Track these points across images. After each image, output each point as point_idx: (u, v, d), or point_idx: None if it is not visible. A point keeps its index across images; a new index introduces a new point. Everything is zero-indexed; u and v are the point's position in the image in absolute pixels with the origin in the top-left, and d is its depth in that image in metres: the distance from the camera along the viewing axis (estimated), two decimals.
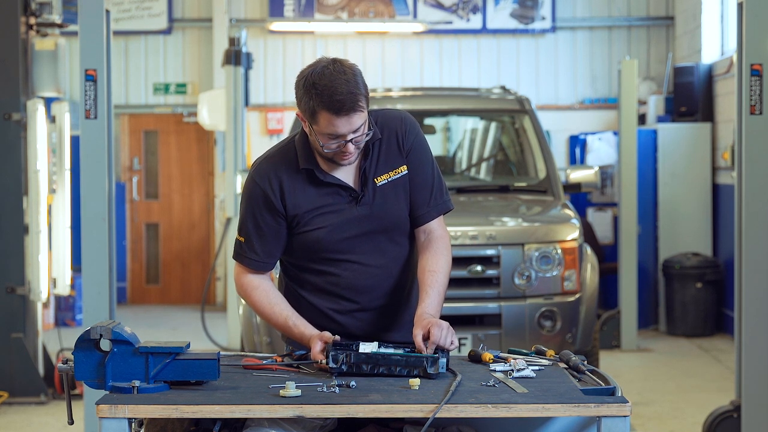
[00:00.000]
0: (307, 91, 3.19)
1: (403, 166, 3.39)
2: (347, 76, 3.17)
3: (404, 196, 3.40)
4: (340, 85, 3.15)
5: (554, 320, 6.20)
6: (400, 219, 3.41)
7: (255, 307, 3.42)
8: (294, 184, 3.35)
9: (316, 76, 3.17)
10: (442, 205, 3.45)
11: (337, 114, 3.16)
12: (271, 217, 3.35)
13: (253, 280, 3.42)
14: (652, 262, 10.84)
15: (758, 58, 5.41)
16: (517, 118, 7.58)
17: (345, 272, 3.38)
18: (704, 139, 10.86)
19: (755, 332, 5.44)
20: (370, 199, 3.36)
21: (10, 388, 7.51)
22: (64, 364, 3.00)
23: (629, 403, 2.76)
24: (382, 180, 3.38)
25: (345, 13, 12.62)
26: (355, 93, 3.16)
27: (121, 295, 12.85)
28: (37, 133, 7.53)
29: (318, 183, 3.35)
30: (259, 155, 3.46)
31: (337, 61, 3.22)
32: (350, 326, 3.41)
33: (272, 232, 3.37)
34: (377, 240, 3.39)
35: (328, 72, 3.17)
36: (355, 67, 3.23)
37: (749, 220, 5.47)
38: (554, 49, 12.68)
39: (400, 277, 3.44)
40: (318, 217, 3.34)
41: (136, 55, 12.84)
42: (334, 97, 3.15)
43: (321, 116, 3.18)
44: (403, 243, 3.45)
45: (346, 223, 3.35)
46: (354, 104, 3.17)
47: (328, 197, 3.35)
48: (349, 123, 3.19)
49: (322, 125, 3.20)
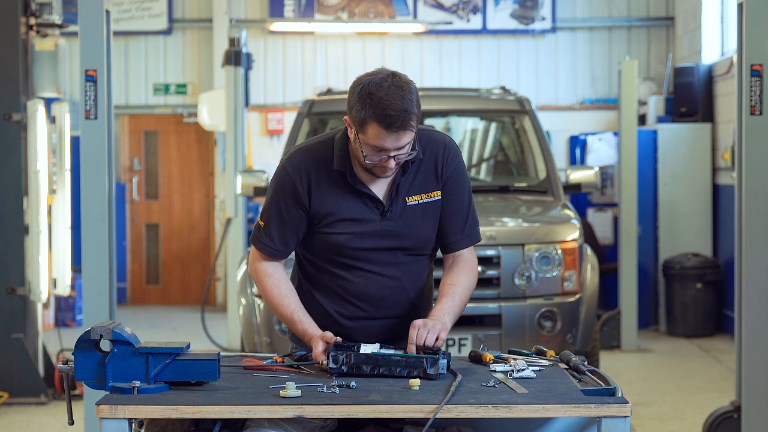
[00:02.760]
0: (362, 100, 3.17)
1: (437, 191, 3.38)
2: (404, 92, 3.15)
3: (433, 220, 3.39)
4: (396, 101, 3.13)
5: (554, 321, 6.20)
6: (424, 241, 3.40)
7: (265, 294, 3.43)
8: (323, 183, 3.34)
9: (374, 87, 3.16)
10: (474, 236, 3.45)
11: (387, 129, 3.15)
12: (295, 208, 3.35)
13: (268, 267, 3.42)
14: (652, 263, 10.84)
15: (758, 59, 5.41)
16: (517, 118, 7.58)
17: (358, 279, 3.38)
18: (704, 140, 10.86)
19: (755, 332, 5.44)
20: (397, 216, 3.35)
21: (10, 389, 7.51)
22: (64, 364, 3.00)
23: (629, 403, 2.76)
24: (413, 200, 3.36)
25: (345, 14, 12.62)
26: (409, 111, 3.15)
27: (121, 295, 12.85)
28: (38, 133, 7.53)
29: (348, 188, 3.34)
30: (295, 145, 3.45)
31: (396, 75, 3.20)
32: (355, 332, 3.41)
33: (293, 222, 3.37)
34: (396, 255, 3.38)
35: (386, 85, 3.15)
36: (412, 84, 3.21)
37: (749, 220, 5.47)
38: (554, 49, 12.68)
39: (413, 294, 3.43)
40: (341, 222, 3.34)
41: (137, 56, 12.84)
42: (387, 112, 3.13)
43: (370, 127, 3.17)
44: (421, 261, 3.44)
45: (369, 235, 3.34)
46: (406, 122, 3.15)
47: (355, 205, 3.34)
48: (397, 140, 3.18)
49: (370, 137, 3.18)
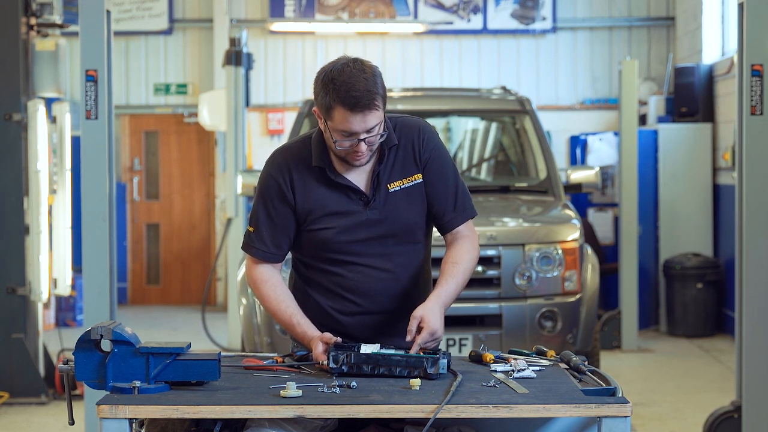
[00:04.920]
0: (325, 86, 3.20)
1: (417, 175, 3.39)
2: (366, 74, 3.19)
3: (419, 204, 3.40)
4: (358, 83, 3.17)
5: (555, 321, 6.20)
6: (412, 226, 3.40)
7: (262, 300, 3.43)
8: (305, 180, 3.36)
9: (335, 72, 3.20)
10: (467, 212, 3.45)
11: (352, 110, 3.17)
12: (283, 207, 3.37)
13: (263, 273, 3.42)
14: (653, 263, 10.84)
15: (759, 59, 5.41)
16: (517, 118, 7.58)
17: (350, 274, 3.39)
18: (705, 140, 10.86)
19: (756, 332, 5.44)
20: (381, 204, 3.36)
21: (10, 389, 7.51)
22: (64, 364, 3.00)
23: (630, 403, 2.76)
24: (395, 186, 3.37)
25: (345, 14, 12.62)
26: (372, 91, 3.18)
27: (121, 295, 12.85)
28: (38, 133, 7.53)
29: (329, 183, 3.36)
30: (275, 147, 3.48)
31: (358, 60, 3.24)
32: (353, 328, 3.41)
33: (282, 223, 3.38)
34: (386, 245, 3.38)
35: (348, 69, 3.19)
36: (375, 68, 3.25)
37: (750, 220, 5.47)
38: (555, 49, 12.68)
39: (407, 284, 3.42)
40: (327, 216, 3.35)
41: (137, 56, 12.84)
42: (350, 93, 3.16)
43: (336, 112, 3.20)
44: (413, 250, 3.44)
45: (355, 226, 3.35)
46: (370, 102, 3.18)
47: (338, 198, 3.35)
48: (364, 121, 3.20)
49: (337, 121, 3.21)
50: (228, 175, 9.91)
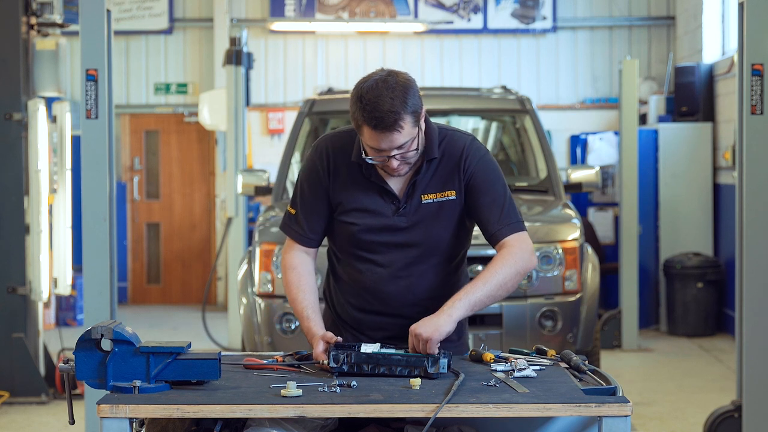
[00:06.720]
0: (355, 102, 3.20)
1: (452, 191, 3.37)
2: (395, 92, 3.16)
3: (449, 220, 3.38)
4: (384, 103, 3.15)
5: (555, 320, 6.20)
6: (437, 240, 3.38)
7: (285, 285, 3.46)
8: (342, 171, 3.39)
9: (365, 89, 3.18)
10: (512, 225, 3.38)
11: (376, 130, 3.17)
12: (320, 193, 3.40)
13: (295, 258, 3.46)
14: (653, 262, 10.84)
15: (759, 58, 5.41)
16: (518, 117, 7.58)
17: (367, 272, 3.41)
18: (705, 139, 10.86)
19: (756, 332, 5.44)
20: (412, 212, 3.35)
21: (11, 388, 7.51)
22: (65, 363, 3.00)
23: (630, 403, 2.76)
24: (428, 198, 3.36)
25: (346, 13, 12.62)
26: (398, 112, 3.15)
27: (122, 294, 12.85)
28: (38, 133, 7.53)
29: (365, 179, 3.37)
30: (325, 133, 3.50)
31: (392, 74, 3.21)
32: (366, 326, 3.44)
33: (318, 208, 3.42)
34: (408, 254, 3.38)
35: (377, 87, 3.17)
36: (408, 83, 3.21)
37: (750, 219, 5.46)
38: (555, 48, 12.68)
39: (423, 296, 3.40)
40: (355, 211, 3.38)
41: (137, 55, 12.84)
42: (374, 114, 3.15)
43: (364, 129, 3.21)
44: (436, 265, 3.41)
45: (381, 228, 3.36)
46: (394, 123, 3.16)
47: (370, 196, 3.37)
48: (389, 140, 3.19)
49: (365, 138, 3.23)
50: (228, 175, 9.91)
